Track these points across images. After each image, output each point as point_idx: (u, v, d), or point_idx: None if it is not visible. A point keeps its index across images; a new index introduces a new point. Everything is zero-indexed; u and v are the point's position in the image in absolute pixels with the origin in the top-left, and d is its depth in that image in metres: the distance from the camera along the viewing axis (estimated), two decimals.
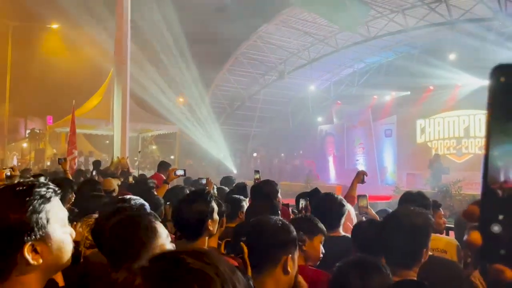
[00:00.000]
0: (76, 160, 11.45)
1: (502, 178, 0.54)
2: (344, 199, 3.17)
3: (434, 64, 16.71)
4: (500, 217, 0.54)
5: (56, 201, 1.26)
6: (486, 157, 0.55)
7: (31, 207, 1.17)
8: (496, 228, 0.55)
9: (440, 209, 3.41)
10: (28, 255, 1.15)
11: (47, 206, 1.21)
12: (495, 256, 0.55)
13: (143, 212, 1.74)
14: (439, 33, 16.94)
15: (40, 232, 1.18)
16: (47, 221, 1.20)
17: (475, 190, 14.07)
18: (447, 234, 3.72)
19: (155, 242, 1.57)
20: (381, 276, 1.64)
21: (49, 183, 1.31)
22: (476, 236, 0.55)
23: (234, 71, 21.78)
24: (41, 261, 1.17)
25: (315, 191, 4.11)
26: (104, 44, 17.96)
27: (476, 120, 17.32)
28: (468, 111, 17.54)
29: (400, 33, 16.65)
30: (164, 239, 1.59)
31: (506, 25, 14.11)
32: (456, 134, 17.95)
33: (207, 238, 2.41)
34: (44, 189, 1.24)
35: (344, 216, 3.05)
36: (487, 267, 0.56)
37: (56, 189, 1.28)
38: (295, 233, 1.94)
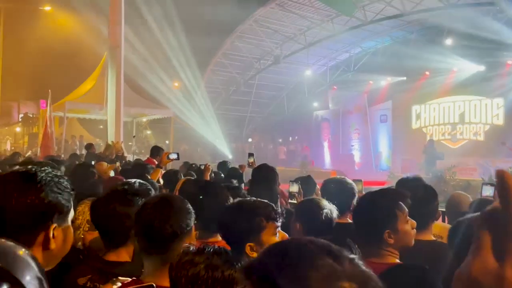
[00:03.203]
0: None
1: None
2: (355, 185, 3.14)
3: (430, 49, 16.64)
4: None
5: None
6: None
7: (67, 194, 1.26)
8: None
9: None
10: (51, 236, 1.20)
11: (71, 197, 1.30)
12: None
13: (181, 197, 1.76)
14: (436, 18, 16.82)
15: (64, 219, 1.25)
16: (69, 211, 1.27)
17: (469, 175, 14.18)
18: (443, 220, 3.72)
19: (191, 229, 1.59)
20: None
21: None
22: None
23: (229, 56, 21.59)
24: (54, 246, 1.20)
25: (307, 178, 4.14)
26: (98, 26, 17.70)
27: (472, 106, 17.35)
28: (463, 96, 17.56)
29: (397, 17, 16.52)
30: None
31: (503, 10, 14.01)
32: (451, 120, 17.99)
33: None
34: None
35: (354, 201, 3.00)
36: None
37: None
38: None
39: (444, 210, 3.48)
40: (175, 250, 1.47)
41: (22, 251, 0.63)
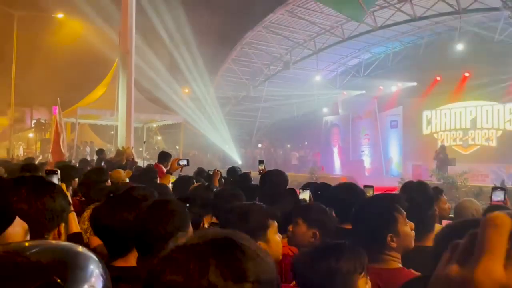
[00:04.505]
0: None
1: None
2: (364, 190, 3.11)
3: (441, 54, 16.54)
4: None
5: None
6: None
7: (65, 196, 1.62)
8: None
9: (443, 195, 3.34)
10: (63, 232, 1.49)
11: None
12: None
13: (177, 200, 1.77)
14: (447, 23, 16.72)
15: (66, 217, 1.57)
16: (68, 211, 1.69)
17: (481, 181, 14.02)
18: None
19: (186, 232, 1.60)
20: (342, 260, 1.52)
21: None
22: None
23: (239, 62, 21.67)
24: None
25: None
26: (109, 33, 17.92)
27: (484, 112, 17.15)
28: (475, 102, 17.37)
29: (407, 23, 16.45)
30: (191, 233, 1.61)
31: None
32: (463, 125, 17.79)
33: None
34: None
35: None
36: None
37: None
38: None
39: (453, 216, 3.45)
40: None
41: (80, 248, 0.66)
